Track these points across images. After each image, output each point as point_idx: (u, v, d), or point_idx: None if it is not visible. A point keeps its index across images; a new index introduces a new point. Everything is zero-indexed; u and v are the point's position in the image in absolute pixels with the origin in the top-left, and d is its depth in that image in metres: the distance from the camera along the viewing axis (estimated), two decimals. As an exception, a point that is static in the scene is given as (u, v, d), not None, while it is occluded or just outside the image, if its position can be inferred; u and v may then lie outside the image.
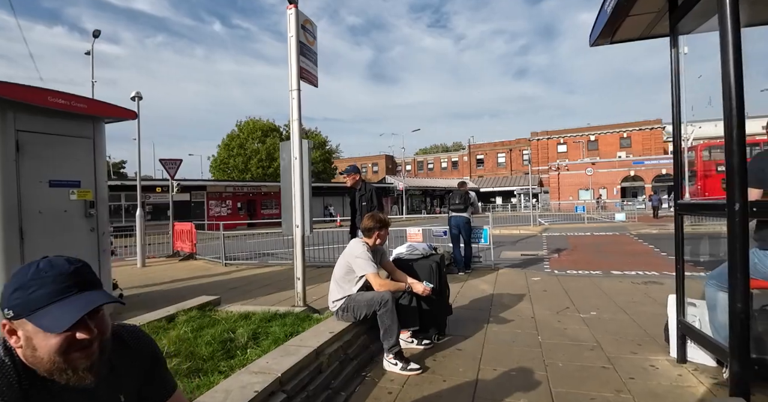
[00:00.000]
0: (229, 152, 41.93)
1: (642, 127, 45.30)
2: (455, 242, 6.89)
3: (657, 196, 25.84)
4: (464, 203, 6.91)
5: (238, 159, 40.95)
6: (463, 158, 56.13)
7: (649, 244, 11.15)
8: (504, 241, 13.63)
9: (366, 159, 61.32)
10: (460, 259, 6.81)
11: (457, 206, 6.92)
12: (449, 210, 7.08)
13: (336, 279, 3.01)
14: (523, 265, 8.32)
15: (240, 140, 41.93)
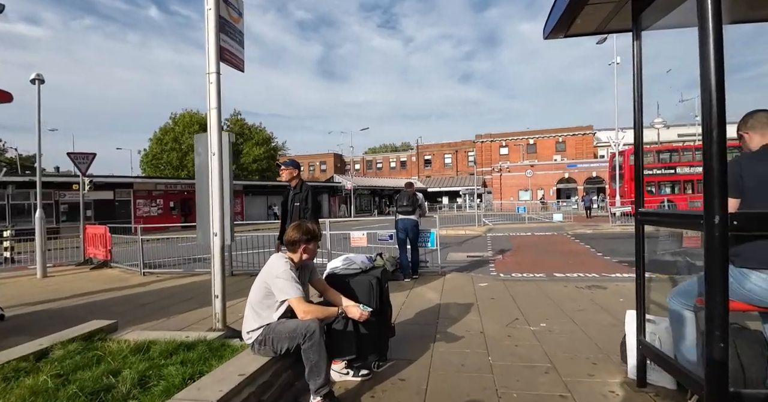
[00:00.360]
0: (162, 147, 38.77)
1: (575, 132, 48.52)
2: (402, 246, 6.50)
3: (589, 197, 27.59)
4: (412, 205, 6.55)
5: (172, 154, 37.98)
6: (411, 158, 56.68)
7: (585, 244, 11.60)
8: (450, 242, 13.60)
9: (314, 157, 59.89)
10: (406, 264, 6.44)
11: (405, 208, 6.53)
12: (396, 212, 6.65)
13: (252, 304, 2.43)
14: (470, 268, 8.16)
15: (175, 134, 38.92)
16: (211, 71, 3.66)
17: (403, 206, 6.53)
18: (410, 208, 6.53)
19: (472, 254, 10.43)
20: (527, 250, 10.86)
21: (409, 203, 6.53)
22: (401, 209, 6.56)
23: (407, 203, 6.53)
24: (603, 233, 14.65)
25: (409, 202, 6.53)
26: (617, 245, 11.14)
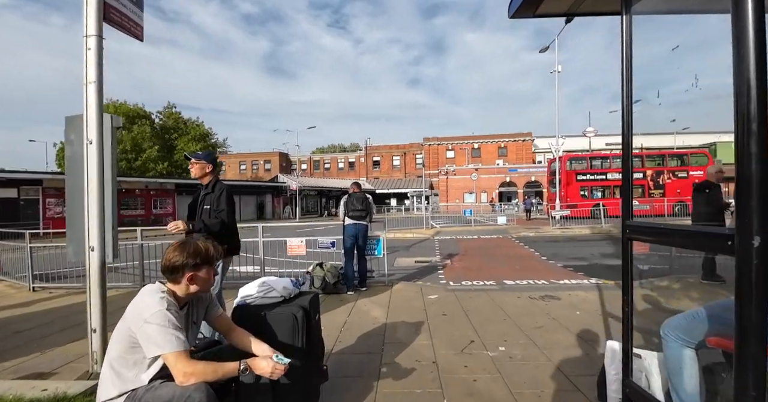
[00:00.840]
0: (82, 140, 34.74)
1: (516, 138, 50.81)
2: (349, 255, 5.81)
3: (529, 201, 28.74)
4: (366, 209, 5.92)
5: (94, 148, 34.14)
6: (360, 159, 56.08)
7: (530, 248, 11.68)
8: (398, 245, 13.15)
9: (258, 156, 57.21)
10: (352, 275, 5.78)
11: (359, 212, 5.87)
12: (347, 217, 5.91)
13: (111, 361, 1.64)
14: (419, 276, 7.69)
15: (98, 126, 35.08)
16: (90, 33, 2.78)
17: (357, 210, 5.85)
18: (364, 212, 5.89)
19: (421, 259, 10.02)
20: (475, 255, 10.67)
21: (363, 207, 5.88)
22: (354, 213, 5.86)
23: (362, 207, 5.87)
24: (544, 236, 15.01)
25: (363, 206, 5.88)
26: (559, 249, 11.33)
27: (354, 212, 5.86)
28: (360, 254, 5.91)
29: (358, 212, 5.86)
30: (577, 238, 14.17)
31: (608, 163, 26.51)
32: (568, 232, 15.63)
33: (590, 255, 10.00)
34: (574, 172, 25.50)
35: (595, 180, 25.94)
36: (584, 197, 25.14)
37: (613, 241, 12.67)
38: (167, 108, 42.61)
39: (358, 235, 5.88)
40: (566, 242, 13.01)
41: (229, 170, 58.16)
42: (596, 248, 11.24)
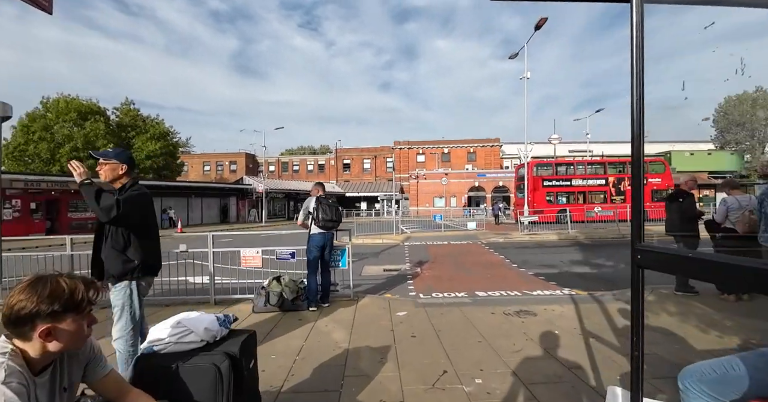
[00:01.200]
0: (28, 136, 32.12)
1: (484, 144, 51.64)
2: (313, 268, 5.24)
3: (498, 206, 29.03)
4: (339, 219, 5.36)
5: (41, 146, 31.67)
6: (330, 162, 55.21)
7: (500, 254, 11.52)
8: (367, 252, 12.68)
9: (223, 156, 55.18)
10: (315, 290, 5.22)
11: (332, 223, 5.29)
12: (316, 225, 5.23)
13: None
14: (387, 286, 7.25)
15: (46, 122, 32.57)
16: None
17: (330, 220, 5.24)
18: (337, 220, 5.31)
19: (390, 268, 9.59)
20: (445, 262, 10.36)
21: (336, 217, 5.30)
22: (326, 223, 5.23)
23: (335, 217, 5.28)
24: (514, 242, 14.98)
25: (336, 216, 5.31)
26: (529, 256, 11.22)
27: (326, 223, 5.24)
28: (324, 267, 5.38)
29: (331, 223, 5.28)
30: (546, 244, 14.21)
31: (573, 169, 27.24)
32: (537, 238, 15.69)
33: (560, 262, 9.91)
34: (541, 178, 25.98)
35: (560, 186, 26.53)
36: (550, 203, 25.63)
37: (580, 248, 12.74)
38: (125, 104, 40.20)
39: (325, 245, 5.35)
40: (535, 248, 12.98)
41: (191, 171, 55.74)
42: (565, 255, 11.21)
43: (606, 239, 15.00)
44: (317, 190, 5.44)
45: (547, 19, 14.45)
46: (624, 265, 9.30)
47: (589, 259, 10.32)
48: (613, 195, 26.17)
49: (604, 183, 26.40)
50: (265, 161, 54.18)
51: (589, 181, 26.47)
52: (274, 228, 27.99)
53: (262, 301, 5.13)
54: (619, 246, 12.97)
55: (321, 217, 5.22)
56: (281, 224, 32.73)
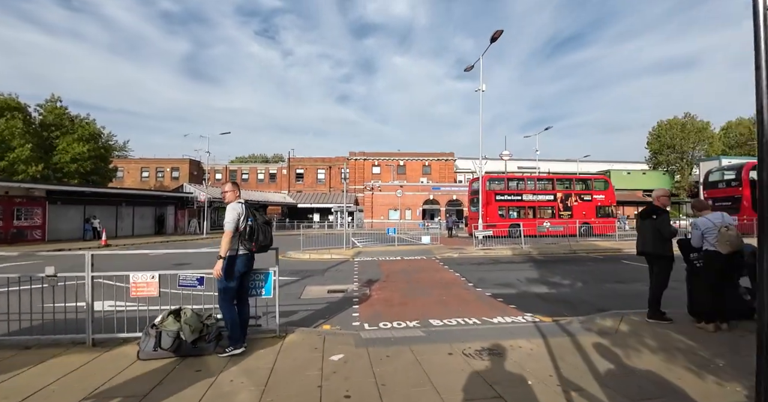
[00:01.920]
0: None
1: (439, 158, 52.17)
2: (230, 297, 4.00)
3: (452, 219, 28.83)
4: (272, 238, 4.22)
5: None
6: (282, 171, 53.05)
7: (455, 271, 10.79)
8: (312, 269, 11.47)
9: (164, 162, 51.25)
10: (237, 326, 3.98)
11: (268, 246, 4.18)
12: (243, 246, 4.01)
13: None
14: (328, 314, 6.14)
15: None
16: None
17: (265, 246, 4.10)
18: (270, 237, 4.17)
19: (335, 289, 8.47)
20: (397, 281, 9.42)
21: (271, 235, 4.17)
22: (261, 247, 4.08)
23: (271, 237, 4.17)
24: (468, 258, 14.40)
25: (271, 234, 4.17)
26: (484, 273, 10.59)
27: (261, 247, 4.07)
28: (241, 296, 4.19)
29: (266, 248, 4.13)
30: (501, 260, 13.75)
31: (524, 184, 27.69)
32: (491, 253, 15.26)
33: (517, 281, 9.31)
34: (493, 192, 26.09)
35: (512, 200, 26.79)
36: (502, 217, 25.74)
37: (535, 264, 12.35)
38: (50, 101, 36.07)
39: (248, 269, 4.19)
40: (490, 265, 12.43)
41: (127, 177, 51.21)
42: (521, 272, 10.69)
43: (558, 255, 14.85)
44: (233, 193, 4.21)
45: (502, 31, 14.35)
46: (581, 284, 8.88)
47: (546, 277, 9.83)
48: (561, 210, 26.81)
49: (552, 198, 27.02)
50: (211, 169, 51.00)
51: (539, 197, 26.98)
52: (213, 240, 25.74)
53: (152, 344, 3.86)
54: (571, 262, 12.76)
55: (259, 239, 4.02)
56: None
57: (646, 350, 3.99)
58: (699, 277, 4.73)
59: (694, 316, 4.93)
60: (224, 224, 3.88)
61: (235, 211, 3.94)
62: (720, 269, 4.48)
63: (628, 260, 12.91)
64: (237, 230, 3.89)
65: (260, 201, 41.86)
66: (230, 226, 3.88)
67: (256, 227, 3.99)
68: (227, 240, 3.86)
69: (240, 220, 3.94)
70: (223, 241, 3.85)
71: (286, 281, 9.47)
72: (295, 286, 8.87)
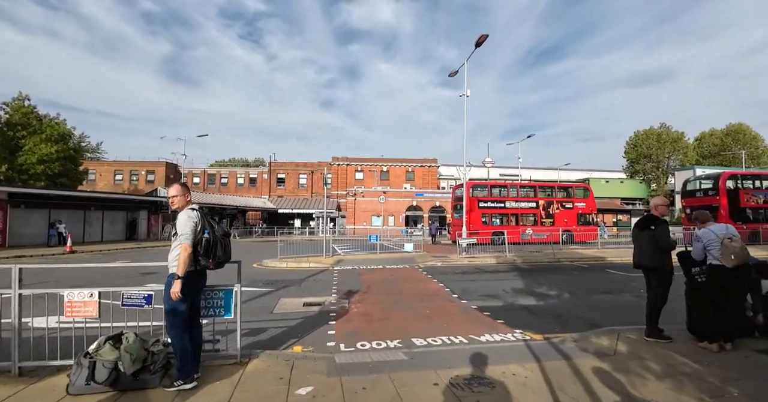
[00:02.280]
0: None
1: (422, 164, 52.08)
2: (180, 322, 3.38)
3: (435, 226, 28.50)
4: (230, 252, 3.61)
5: None
6: (262, 175, 51.95)
7: (439, 282, 10.36)
8: (289, 279, 10.85)
9: (139, 165, 49.51)
10: (186, 355, 3.37)
11: (226, 262, 3.57)
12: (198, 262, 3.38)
13: None
14: (300, 332, 5.58)
15: None
16: None
17: (223, 262, 3.50)
18: (229, 255, 3.58)
19: (311, 301, 7.90)
20: (379, 292, 8.91)
21: (229, 250, 3.58)
22: (218, 263, 3.47)
23: (230, 252, 3.58)
24: (452, 266, 14.01)
25: (227, 249, 3.56)
26: (469, 283, 10.19)
27: (218, 263, 3.46)
28: (194, 318, 3.61)
29: (224, 259, 3.51)
30: (485, 268, 13.41)
31: (506, 191, 27.66)
32: (475, 262, 14.92)
33: (503, 292, 8.94)
34: (477, 199, 25.92)
35: (495, 207, 26.68)
36: (485, 224, 25.58)
37: (520, 273, 12.04)
38: (17, 99, 34.32)
39: (202, 288, 3.63)
40: (474, 274, 12.06)
41: (100, 180, 49.23)
42: (506, 282, 10.34)
43: (543, 263, 14.62)
44: (186, 197, 3.59)
45: (487, 35, 14.18)
46: (568, 295, 8.57)
47: (532, 288, 9.49)
48: (543, 218, 26.84)
49: (535, 206, 27.04)
50: (189, 172, 49.58)
51: (522, 204, 26.95)
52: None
53: (84, 377, 3.25)
54: (556, 271, 12.52)
55: (217, 254, 3.42)
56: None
57: (651, 376, 3.61)
58: (701, 292, 4.41)
59: (694, 334, 4.61)
60: (179, 236, 3.30)
61: (192, 220, 3.36)
62: (724, 284, 4.16)
63: (612, 269, 12.76)
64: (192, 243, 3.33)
65: (239, 206, 40.73)
66: (189, 239, 3.29)
67: (214, 240, 3.41)
68: (187, 256, 3.26)
69: (196, 232, 3.36)
70: (182, 257, 3.25)
71: (259, 293, 8.85)
72: (268, 298, 8.26)
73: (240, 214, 43.33)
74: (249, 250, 21.87)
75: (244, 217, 44.92)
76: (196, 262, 3.34)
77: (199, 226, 3.36)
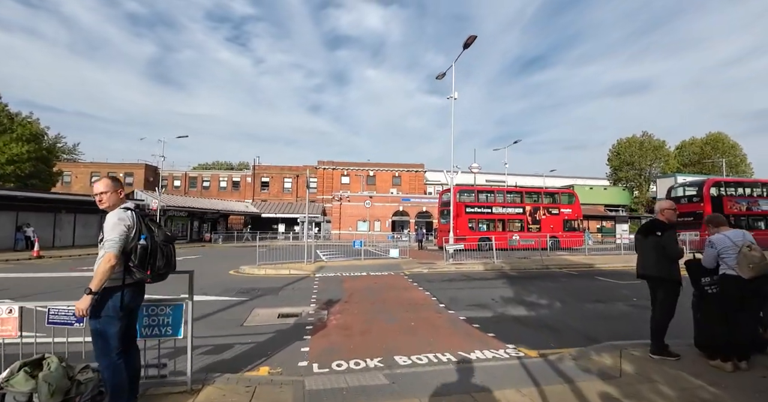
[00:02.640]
0: None
1: (409, 169, 51.84)
2: (112, 347, 2.74)
3: (422, 231, 28.09)
4: (174, 261, 3.01)
5: None
6: (246, 179, 50.87)
7: (425, 290, 9.86)
8: (267, 287, 10.20)
9: (117, 167, 47.92)
10: (120, 386, 2.75)
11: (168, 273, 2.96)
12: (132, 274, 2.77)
13: None
14: (270, 349, 4.99)
15: None
16: None
17: (160, 268, 2.86)
18: (173, 265, 2.98)
19: (287, 312, 7.31)
20: (361, 301, 8.36)
21: (173, 258, 2.97)
22: (159, 275, 2.87)
23: (173, 261, 2.97)
24: (439, 273, 13.54)
25: (173, 257, 2.97)
26: (456, 291, 9.72)
27: (159, 275, 2.86)
28: (129, 340, 3.00)
29: (166, 270, 2.90)
30: (473, 276, 12.97)
31: (493, 197, 27.45)
32: (463, 268, 14.48)
33: (491, 301, 8.49)
34: (464, 205, 25.62)
35: (481, 213, 26.41)
36: (472, 230, 25.27)
37: (508, 281, 11.64)
38: (-14, 97, 32.82)
39: (139, 305, 3.03)
40: (462, 281, 11.60)
41: (76, 182, 47.46)
42: (495, 290, 9.90)
43: (531, 270, 14.28)
44: (119, 194, 2.99)
45: (476, 37, 13.90)
46: (559, 304, 8.17)
47: (522, 296, 9.07)
48: (530, 224, 26.68)
49: (521, 212, 26.88)
50: (169, 175, 48.24)
51: (509, 210, 26.75)
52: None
53: (-14, 417, 2.62)
54: (545, 278, 12.17)
55: (157, 265, 2.82)
56: (180, 247, 28.13)
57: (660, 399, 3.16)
58: (711, 305, 4.00)
59: (701, 349, 4.20)
60: (104, 242, 2.71)
61: (123, 222, 2.75)
62: (739, 297, 3.76)
63: (602, 276, 12.47)
64: (124, 251, 2.73)
65: (220, 210, 39.64)
66: (115, 247, 2.66)
67: (153, 247, 2.82)
68: (108, 268, 2.61)
69: (129, 238, 2.77)
70: (101, 268, 2.60)
71: (231, 302, 8.20)
72: (240, 309, 7.62)
73: (221, 218, 42.17)
74: (228, 256, 21.02)
75: (226, 221, 43.76)
76: (129, 275, 2.75)
77: (134, 231, 2.77)
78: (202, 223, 37.62)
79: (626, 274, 12.89)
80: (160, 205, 28.33)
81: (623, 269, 14.02)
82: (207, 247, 30.41)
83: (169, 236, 2.96)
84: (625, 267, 14.26)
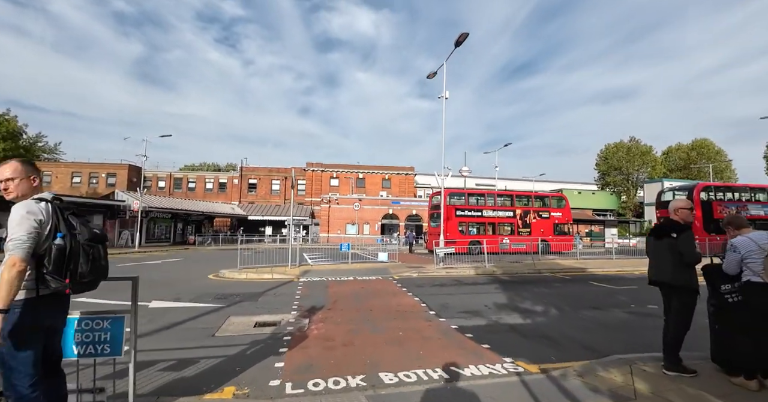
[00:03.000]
0: None
1: (399, 172, 51.45)
2: (26, 376, 2.17)
3: (412, 234, 27.61)
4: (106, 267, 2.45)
5: None
6: (233, 180, 49.88)
7: (414, 296, 9.37)
8: (247, 292, 9.59)
9: (100, 167, 46.54)
10: None
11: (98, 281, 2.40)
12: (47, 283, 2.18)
13: None
14: (239, 364, 4.44)
15: None
16: None
17: (92, 280, 2.32)
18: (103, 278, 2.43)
19: (264, 320, 6.74)
20: (346, 309, 7.83)
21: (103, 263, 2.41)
22: (83, 284, 2.28)
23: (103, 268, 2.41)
24: (429, 278, 13.07)
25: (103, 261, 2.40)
26: (447, 297, 9.25)
27: (83, 284, 2.28)
28: (52, 364, 2.44)
29: (93, 277, 2.32)
30: (464, 280, 12.52)
31: (484, 200, 27.15)
32: (453, 273, 14.03)
33: (485, 308, 8.03)
34: (454, 208, 25.25)
35: (472, 216, 26.07)
36: (462, 233, 24.90)
37: (501, 286, 11.21)
38: (-41, 92, 31.51)
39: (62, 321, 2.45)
40: (453, 287, 11.14)
41: (56, 182, 45.90)
42: (488, 296, 9.46)
43: (523, 274, 13.89)
44: (32, 182, 2.40)
45: (467, 34, 13.57)
46: (555, 311, 7.75)
47: (516, 303, 8.64)
48: (520, 227, 26.43)
49: (512, 215, 26.62)
50: (154, 176, 47.04)
51: (499, 213, 26.47)
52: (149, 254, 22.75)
53: None
54: (539, 284, 11.77)
55: (80, 271, 2.24)
56: (162, 250, 27.22)
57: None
58: (733, 316, 3.59)
59: (719, 365, 3.79)
60: (8, 242, 2.14)
61: (33, 216, 2.18)
62: (766, 307, 3.35)
63: (595, 281, 12.12)
64: (35, 254, 2.17)
65: (204, 212, 38.66)
66: (21, 250, 2.09)
67: (73, 248, 2.25)
68: (15, 275, 2.04)
69: (41, 236, 2.21)
70: (5, 276, 2.03)
71: (205, 310, 7.60)
72: (214, 317, 7.03)
73: (207, 220, 41.15)
74: (211, 259, 20.26)
75: (211, 223, 42.74)
76: (44, 284, 2.18)
77: (48, 228, 2.21)
78: (186, 225, 36.60)
79: (621, 279, 12.59)
80: (142, 206, 27.36)
81: (617, 274, 13.73)
82: (191, 249, 29.50)
83: (97, 235, 2.39)
84: (620, 272, 13.97)
